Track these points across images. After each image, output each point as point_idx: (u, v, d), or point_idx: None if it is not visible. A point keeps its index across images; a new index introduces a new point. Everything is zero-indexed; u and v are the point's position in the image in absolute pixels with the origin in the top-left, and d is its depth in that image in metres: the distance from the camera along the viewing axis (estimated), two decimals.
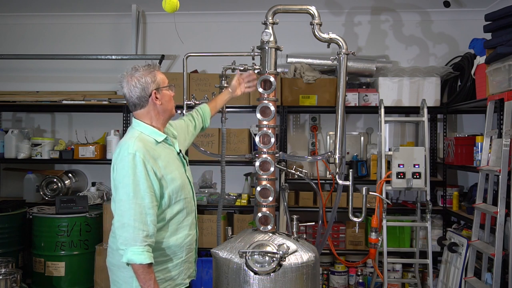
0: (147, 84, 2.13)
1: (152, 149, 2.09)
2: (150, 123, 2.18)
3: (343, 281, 4.45)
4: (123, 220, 1.99)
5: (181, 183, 2.18)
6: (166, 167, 2.11)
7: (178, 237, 2.18)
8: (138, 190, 1.99)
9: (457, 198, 4.25)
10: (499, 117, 3.40)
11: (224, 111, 3.00)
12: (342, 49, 2.58)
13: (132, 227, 1.96)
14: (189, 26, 4.87)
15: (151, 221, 2.00)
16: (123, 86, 2.16)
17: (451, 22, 4.77)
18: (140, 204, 1.98)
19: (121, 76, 2.18)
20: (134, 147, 2.03)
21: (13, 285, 3.29)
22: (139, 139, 2.09)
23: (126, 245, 1.96)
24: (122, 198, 2.01)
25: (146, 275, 1.96)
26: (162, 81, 2.19)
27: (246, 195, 4.50)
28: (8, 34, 5.11)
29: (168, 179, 2.11)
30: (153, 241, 2.02)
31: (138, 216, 1.97)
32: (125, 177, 2.01)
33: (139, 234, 1.96)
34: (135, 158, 2.01)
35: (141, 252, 1.95)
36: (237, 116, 4.72)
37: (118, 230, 2.01)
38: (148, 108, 2.17)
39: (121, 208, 2.01)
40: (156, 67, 2.21)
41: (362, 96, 4.42)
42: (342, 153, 2.61)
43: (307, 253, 2.45)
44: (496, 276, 3.08)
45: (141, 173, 2.00)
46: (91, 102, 4.65)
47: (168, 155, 2.18)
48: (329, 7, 4.71)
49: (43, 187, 4.72)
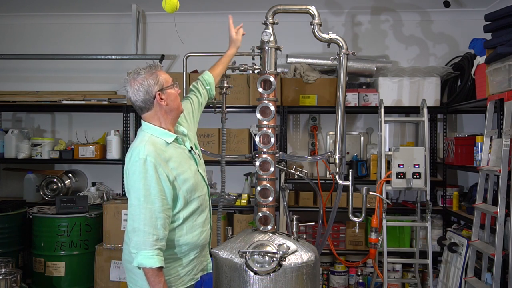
0: (150, 87, 2.12)
1: (163, 152, 2.10)
2: (159, 124, 2.18)
3: (343, 281, 4.45)
4: (134, 225, 2.02)
5: (194, 182, 2.20)
6: (178, 167, 2.13)
7: (194, 234, 2.21)
8: (149, 195, 2.01)
9: (457, 198, 4.25)
10: (499, 117, 3.40)
11: (224, 111, 2.99)
12: (342, 49, 2.58)
13: (142, 231, 1.99)
14: (189, 26, 4.87)
15: (161, 224, 2.02)
16: (128, 90, 2.17)
17: (451, 22, 4.77)
18: (150, 209, 2.00)
19: (124, 80, 2.18)
20: (145, 152, 2.04)
21: (13, 285, 3.29)
22: (149, 143, 2.09)
23: (137, 249, 1.99)
24: (133, 203, 2.04)
25: (155, 278, 1.99)
26: (165, 81, 2.18)
27: (246, 195, 4.50)
28: (7, 34, 5.11)
29: (180, 180, 2.13)
30: (163, 245, 2.04)
31: (148, 220, 2.00)
32: (136, 182, 2.03)
33: (149, 238, 1.99)
34: (146, 162, 2.02)
35: (151, 256, 1.97)
36: (237, 116, 4.72)
37: (130, 234, 2.05)
38: (155, 110, 2.17)
39: (132, 212, 2.04)
40: (157, 67, 2.20)
41: (362, 96, 4.42)
42: (342, 153, 2.61)
43: (307, 253, 2.45)
44: (496, 276, 3.08)
45: (152, 178, 2.02)
46: (91, 102, 4.65)
47: (180, 155, 2.19)
48: (329, 7, 4.71)
49: (43, 187, 4.72)
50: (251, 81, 4.34)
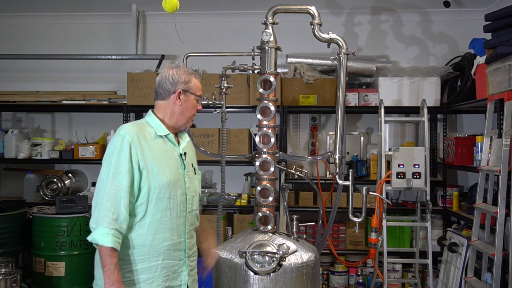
0: (178, 82, 2.15)
1: (145, 138, 2.06)
2: (162, 118, 2.17)
3: (343, 281, 4.45)
4: (98, 198, 1.98)
5: (170, 181, 2.07)
6: (155, 159, 2.06)
7: (155, 237, 2.05)
8: (118, 172, 1.97)
9: (457, 198, 4.25)
10: (499, 117, 3.39)
11: (224, 111, 2.99)
12: (342, 49, 2.59)
13: (104, 207, 1.94)
14: (189, 26, 4.87)
15: (124, 206, 1.96)
16: (160, 72, 2.20)
17: (451, 22, 4.77)
18: (117, 186, 1.96)
19: (167, 65, 2.22)
20: (127, 130, 2.03)
21: (13, 285, 3.29)
22: (136, 125, 2.09)
23: (96, 223, 1.95)
24: (102, 177, 2.00)
25: (107, 257, 1.94)
26: (195, 88, 2.20)
27: (246, 195, 4.50)
28: (8, 34, 5.11)
29: (153, 172, 2.04)
30: (122, 228, 1.96)
31: (112, 197, 1.95)
32: (110, 157, 2.00)
33: (109, 215, 1.93)
34: (124, 140, 2.00)
35: (106, 234, 1.92)
36: (237, 116, 4.72)
37: (92, 208, 1.99)
38: (167, 103, 2.16)
39: (99, 186, 2.00)
40: (198, 75, 2.23)
41: (362, 96, 4.42)
42: (342, 153, 2.62)
43: (307, 253, 2.45)
44: (496, 276, 3.08)
45: (125, 156, 1.98)
46: (91, 102, 4.65)
47: (164, 151, 2.12)
48: (329, 7, 4.71)
49: (43, 187, 4.71)
50: (251, 81, 4.34)
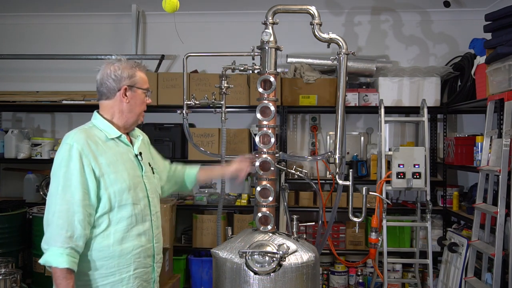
0: (121, 78, 1.99)
1: (96, 144, 1.90)
2: (110, 118, 2.02)
3: (343, 281, 4.45)
4: (47, 216, 1.81)
5: (129, 186, 1.93)
6: (110, 164, 1.90)
7: (124, 247, 1.90)
8: (69, 185, 1.80)
9: (457, 198, 4.25)
10: (499, 117, 3.39)
11: (224, 111, 2.99)
12: (342, 49, 2.58)
13: (55, 225, 1.77)
14: (189, 26, 4.87)
15: (79, 221, 1.78)
16: (99, 70, 2.04)
17: (451, 22, 4.77)
18: (68, 201, 1.79)
19: (106, 60, 2.07)
20: (74, 138, 1.87)
21: (13, 285, 3.28)
22: (83, 131, 1.92)
23: (48, 244, 1.79)
24: (51, 192, 1.83)
25: (63, 281, 1.75)
26: (141, 81, 2.04)
27: (246, 195, 4.50)
28: (8, 34, 5.11)
29: (110, 179, 1.88)
30: (78, 245, 1.80)
31: (64, 213, 1.77)
32: (58, 169, 1.83)
33: (62, 233, 1.76)
34: (72, 149, 1.83)
35: (60, 255, 1.75)
36: (237, 116, 4.72)
37: (44, 227, 1.82)
38: (113, 102, 2.02)
39: (49, 202, 1.83)
40: (141, 67, 2.07)
41: (362, 96, 4.42)
42: (342, 153, 2.61)
43: (307, 253, 2.44)
44: (496, 276, 3.08)
45: (75, 166, 1.81)
46: (91, 102, 4.65)
47: (118, 154, 1.96)
48: (329, 7, 4.71)
49: (43, 187, 4.71)
50: (251, 81, 4.34)
